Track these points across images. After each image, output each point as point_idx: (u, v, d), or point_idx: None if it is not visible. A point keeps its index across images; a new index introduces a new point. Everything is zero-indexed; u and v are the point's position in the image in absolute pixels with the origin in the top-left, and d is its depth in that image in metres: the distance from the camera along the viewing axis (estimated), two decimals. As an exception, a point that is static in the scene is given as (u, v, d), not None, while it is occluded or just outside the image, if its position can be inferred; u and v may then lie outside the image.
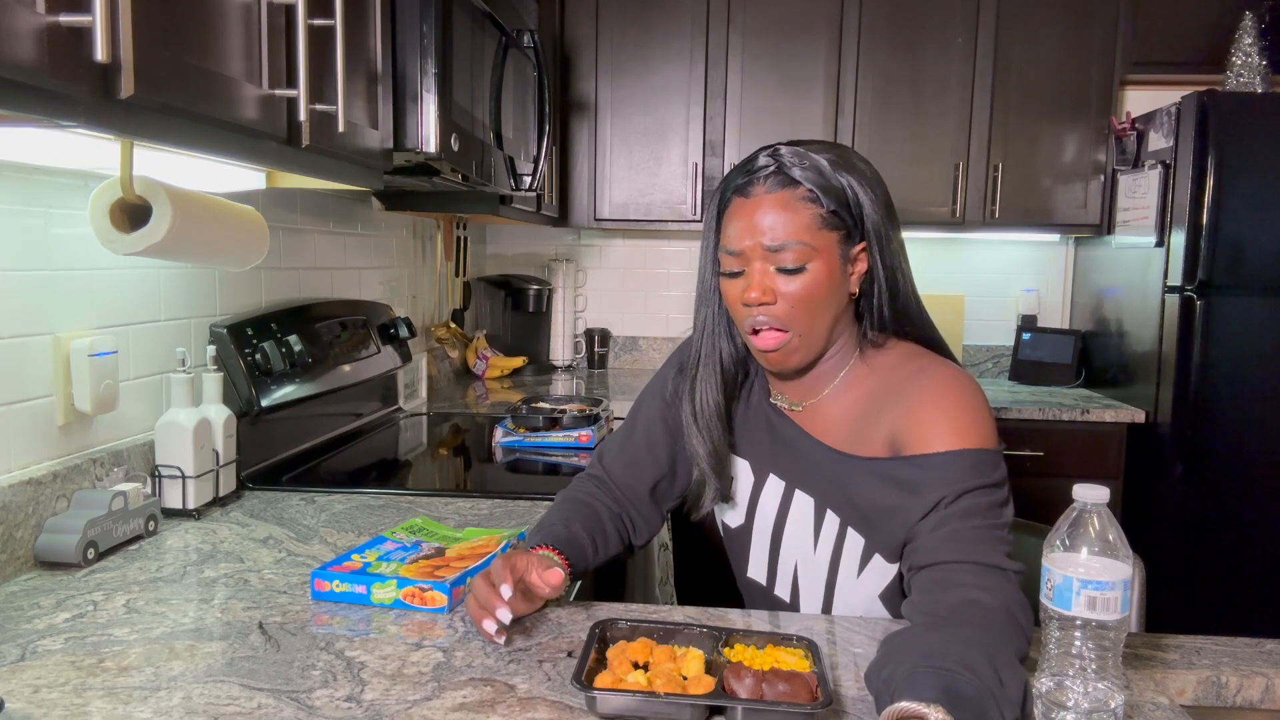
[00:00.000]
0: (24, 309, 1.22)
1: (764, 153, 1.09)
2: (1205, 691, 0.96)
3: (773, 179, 1.06)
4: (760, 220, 1.05)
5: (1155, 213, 2.66)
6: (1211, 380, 2.54)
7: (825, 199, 1.05)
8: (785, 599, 1.19)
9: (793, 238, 1.05)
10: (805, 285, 1.06)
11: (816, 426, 1.15)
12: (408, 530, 1.28)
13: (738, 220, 1.07)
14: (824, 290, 1.07)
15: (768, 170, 1.07)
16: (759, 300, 1.06)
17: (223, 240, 1.35)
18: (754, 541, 1.21)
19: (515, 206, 2.37)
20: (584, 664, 0.86)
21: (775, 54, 3.01)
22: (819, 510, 1.14)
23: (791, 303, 1.06)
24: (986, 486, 0.99)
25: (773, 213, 1.05)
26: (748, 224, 1.06)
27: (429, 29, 1.42)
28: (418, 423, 2.32)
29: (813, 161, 1.06)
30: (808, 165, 1.06)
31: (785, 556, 1.18)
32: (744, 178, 1.08)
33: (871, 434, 1.09)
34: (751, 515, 1.20)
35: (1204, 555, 2.59)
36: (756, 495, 1.19)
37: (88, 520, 1.20)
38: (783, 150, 1.08)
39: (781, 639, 0.93)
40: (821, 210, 1.05)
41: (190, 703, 0.84)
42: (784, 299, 1.06)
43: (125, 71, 0.76)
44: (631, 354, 3.53)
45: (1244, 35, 2.72)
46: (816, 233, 1.05)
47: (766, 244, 1.05)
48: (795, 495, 1.16)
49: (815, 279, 1.06)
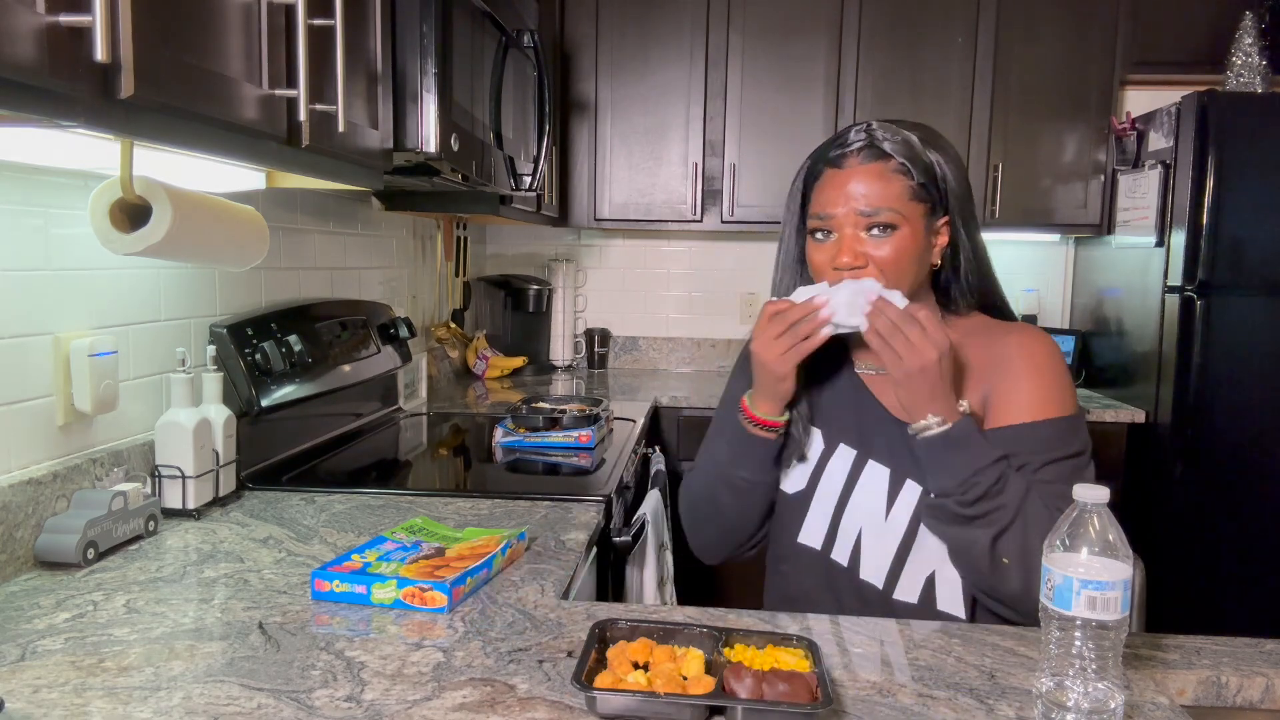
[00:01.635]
0: (24, 309, 1.22)
1: (855, 128, 1.15)
2: (1205, 691, 0.96)
3: (866, 151, 1.13)
4: (854, 188, 1.12)
5: (1155, 213, 2.66)
6: (1211, 380, 2.54)
7: (915, 172, 1.12)
8: (843, 562, 1.20)
9: (884, 204, 1.11)
10: (894, 250, 1.11)
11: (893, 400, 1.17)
12: (408, 530, 1.28)
13: (831, 188, 1.14)
14: (909, 257, 1.12)
15: (861, 143, 1.13)
16: (850, 264, 1.11)
17: (223, 240, 1.35)
18: (814, 507, 1.23)
19: (515, 206, 2.37)
20: (584, 664, 0.86)
21: (775, 54, 3.01)
22: (895, 480, 1.17)
23: (881, 266, 1.12)
24: (1069, 456, 1.09)
25: (866, 181, 1.11)
26: (841, 192, 1.12)
27: (429, 29, 1.42)
28: (418, 423, 2.32)
29: (904, 137, 1.13)
30: (899, 140, 1.13)
31: (848, 523, 1.20)
32: (837, 150, 1.14)
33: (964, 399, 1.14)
34: (815, 482, 1.23)
35: (1204, 555, 2.59)
36: (824, 463, 1.22)
37: (88, 520, 1.20)
38: (875, 126, 1.14)
39: (781, 639, 0.93)
40: (911, 182, 1.12)
41: (190, 703, 0.84)
42: (874, 263, 1.12)
43: (125, 71, 0.76)
44: (631, 354, 3.53)
45: (1244, 35, 2.72)
46: (906, 203, 1.12)
47: (861, 209, 1.11)
48: (868, 465, 1.19)
49: (903, 245, 1.12)
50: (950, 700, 0.88)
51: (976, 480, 1.05)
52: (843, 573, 1.20)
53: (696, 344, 3.51)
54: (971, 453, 1.06)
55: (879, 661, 0.96)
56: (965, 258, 1.18)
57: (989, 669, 0.95)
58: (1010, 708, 0.87)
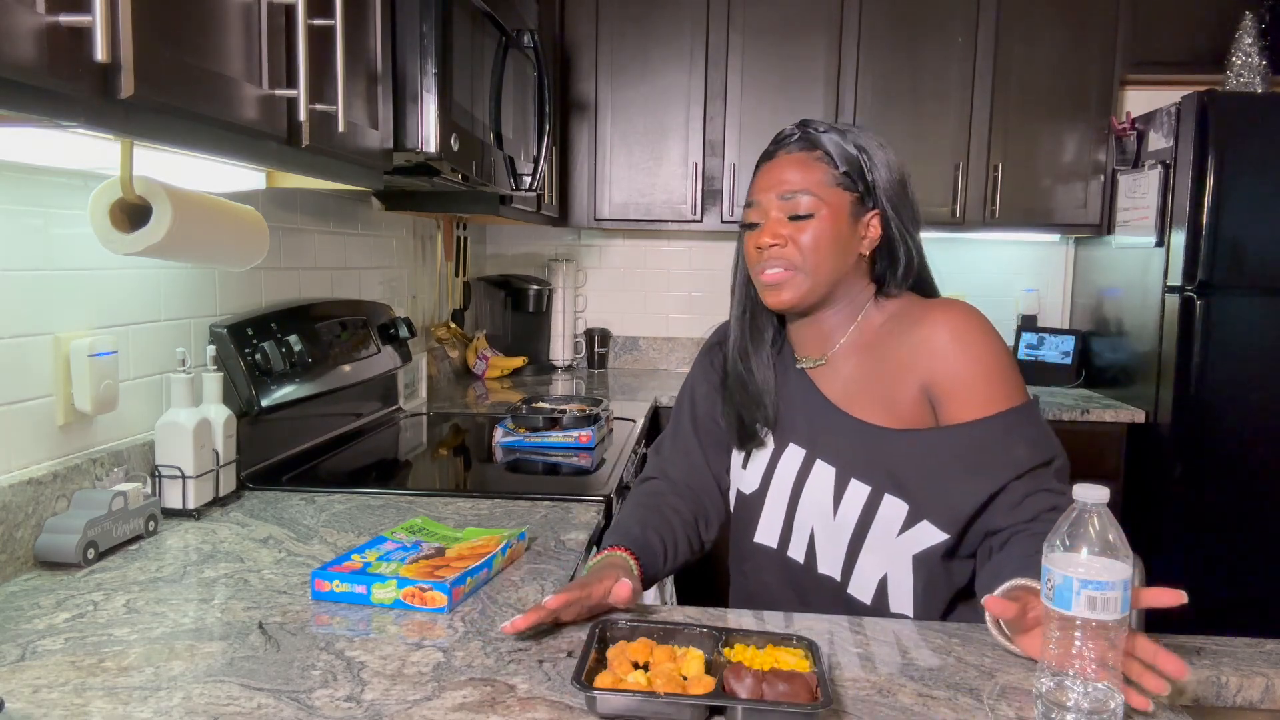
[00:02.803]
0: (24, 309, 1.22)
1: (791, 124, 1.22)
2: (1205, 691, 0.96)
3: (795, 143, 1.20)
4: (779, 174, 1.19)
5: (1155, 213, 2.66)
6: (1211, 380, 2.54)
7: (839, 162, 1.18)
8: (799, 559, 1.22)
9: (804, 188, 1.17)
10: (813, 234, 1.16)
11: (836, 390, 1.22)
12: (408, 530, 1.28)
13: (760, 177, 1.22)
14: (829, 239, 1.17)
15: (793, 136, 1.21)
16: (770, 243, 1.17)
17: (223, 240, 1.35)
18: (767, 506, 1.25)
19: (515, 206, 2.37)
20: (584, 664, 0.86)
21: (775, 54, 3.01)
22: (840, 479, 1.18)
23: (799, 247, 1.17)
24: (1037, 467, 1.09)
25: (790, 168, 1.18)
26: (768, 179, 1.20)
27: (429, 29, 1.42)
28: (418, 423, 2.32)
29: (834, 131, 1.19)
30: (824, 131, 1.19)
31: (801, 520, 1.22)
32: (773, 146, 1.23)
33: (900, 396, 1.16)
34: (767, 482, 1.25)
35: (1204, 555, 2.59)
36: (774, 463, 1.25)
37: (88, 520, 1.20)
38: (809, 120, 1.22)
39: (781, 639, 0.93)
40: (834, 170, 1.18)
41: (190, 703, 0.84)
42: (793, 244, 1.17)
43: (125, 71, 0.76)
44: (631, 354, 3.53)
45: (1244, 35, 2.72)
46: (828, 189, 1.17)
47: (780, 193, 1.17)
48: (815, 465, 1.21)
49: (821, 229, 1.16)
50: (950, 700, 0.88)
51: None
52: (800, 569, 1.22)
53: (696, 344, 3.48)
54: None
55: (879, 661, 0.96)
56: (903, 253, 1.21)
57: (989, 669, 0.95)
58: (1010, 708, 0.87)
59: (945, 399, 1.13)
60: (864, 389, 1.19)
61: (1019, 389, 1.13)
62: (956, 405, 1.12)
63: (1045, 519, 1.06)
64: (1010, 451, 1.09)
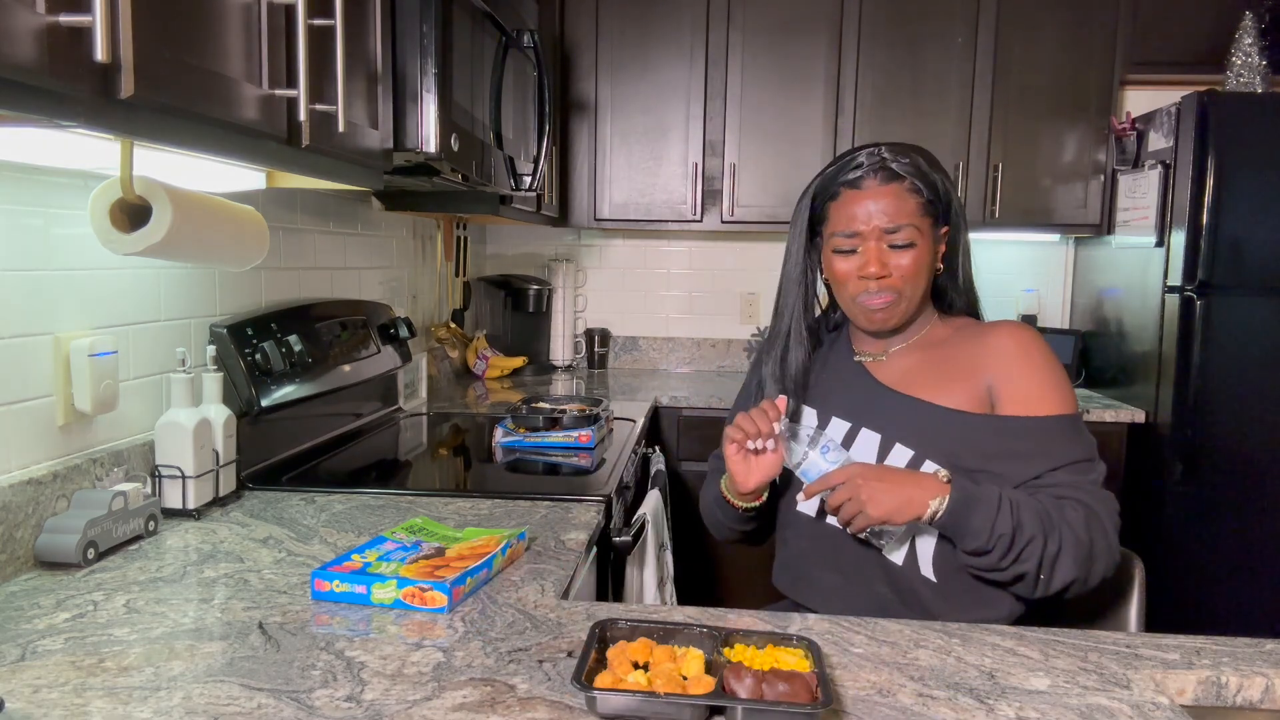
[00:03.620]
0: (24, 309, 1.22)
1: (866, 151, 1.28)
2: (1205, 691, 0.96)
3: (882, 173, 1.27)
4: (876, 205, 1.26)
5: (1155, 213, 2.66)
6: (1211, 380, 2.54)
7: (925, 189, 1.27)
8: (836, 525, 1.28)
9: (904, 220, 1.26)
10: (914, 262, 1.27)
11: (893, 377, 1.33)
12: (408, 530, 1.28)
13: (852, 206, 1.27)
14: (925, 264, 1.28)
15: (876, 164, 1.27)
16: (878, 274, 1.27)
17: (223, 240, 1.35)
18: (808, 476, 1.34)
19: (515, 206, 2.37)
20: (584, 664, 0.86)
21: (775, 53, 3.01)
22: (885, 444, 1.28)
23: (903, 274, 1.27)
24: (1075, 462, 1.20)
25: (886, 200, 1.26)
26: (865, 210, 1.26)
27: (429, 29, 1.42)
28: (418, 423, 2.32)
29: (911, 159, 1.27)
30: (907, 162, 1.27)
31: None
32: (853, 172, 1.28)
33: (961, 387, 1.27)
34: None
35: (1204, 555, 2.59)
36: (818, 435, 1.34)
37: (88, 520, 1.20)
38: (883, 149, 1.28)
39: (781, 639, 0.93)
40: (922, 199, 1.27)
41: (190, 703, 0.84)
42: (897, 271, 1.27)
43: (125, 71, 0.76)
44: (631, 354, 3.53)
45: (1244, 35, 2.72)
46: (920, 218, 1.27)
47: (885, 226, 1.26)
48: (861, 432, 1.30)
49: (920, 255, 1.27)
50: (950, 700, 0.88)
51: (999, 534, 1.14)
52: (836, 535, 1.30)
53: (696, 344, 3.51)
54: (980, 510, 1.15)
55: (879, 661, 0.96)
56: (961, 261, 1.33)
57: (989, 669, 0.95)
58: (1010, 708, 0.87)
59: (1004, 398, 1.24)
60: (922, 376, 1.30)
61: (1072, 401, 1.25)
62: (1014, 404, 1.23)
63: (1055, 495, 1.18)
64: (1053, 448, 1.20)
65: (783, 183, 3.01)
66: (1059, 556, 1.15)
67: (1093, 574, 1.17)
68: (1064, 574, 1.16)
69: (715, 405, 2.80)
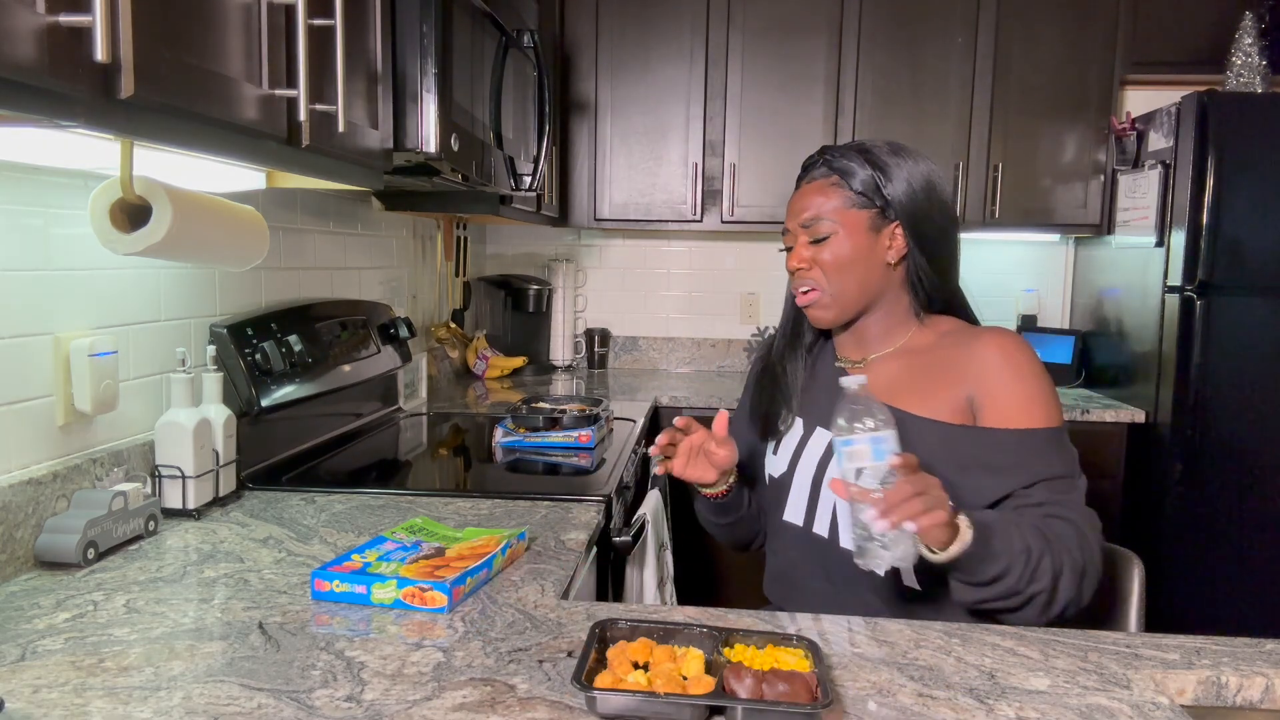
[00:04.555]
0: (24, 309, 1.22)
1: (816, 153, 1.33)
2: (1205, 691, 0.96)
3: (815, 170, 1.31)
4: (801, 202, 1.30)
5: (1155, 213, 2.66)
6: (1211, 380, 2.54)
7: (852, 183, 1.27)
8: (824, 534, 1.30)
9: (821, 214, 1.28)
10: (831, 254, 1.28)
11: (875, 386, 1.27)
12: (408, 530, 1.28)
13: (789, 206, 1.33)
14: (847, 256, 1.27)
15: (814, 164, 1.32)
16: (795, 266, 1.31)
17: (223, 240, 1.35)
18: (794, 486, 1.34)
19: (515, 206, 2.37)
20: (584, 664, 0.86)
21: (775, 54, 3.01)
22: None
23: (822, 266, 1.28)
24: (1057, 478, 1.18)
25: (809, 195, 1.30)
26: (793, 208, 1.32)
27: (429, 29, 1.42)
28: (418, 423, 2.32)
29: (849, 155, 1.28)
30: (839, 155, 1.29)
31: (825, 498, 1.30)
32: (801, 174, 1.34)
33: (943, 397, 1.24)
34: (794, 463, 1.34)
35: (1204, 555, 2.59)
36: (802, 446, 1.34)
37: (88, 520, 1.20)
38: (831, 147, 1.32)
39: (781, 639, 0.93)
40: (850, 192, 1.27)
41: (190, 703, 0.84)
42: (817, 264, 1.29)
43: (125, 71, 0.76)
44: (631, 354, 3.53)
45: (1244, 35, 2.72)
46: (844, 211, 1.27)
47: (801, 220, 1.30)
48: None
49: (839, 249, 1.27)
50: (950, 700, 0.88)
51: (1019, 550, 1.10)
52: (824, 544, 1.29)
53: (696, 344, 3.51)
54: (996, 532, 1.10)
55: (879, 661, 0.96)
56: (929, 258, 1.29)
57: (989, 669, 0.95)
58: (1010, 708, 0.87)
59: (986, 410, 1.22)
60: (903, 386, 1.28)
61: (1055, 414, 1.22)
62: (995, 416, 1.21)
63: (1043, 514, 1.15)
64: (1031, 463, 1.18)
65: (783, 183, 3.01)
66: (1061, 574, 1.11)
67: (1085, 592, 1.14)
68: (1066, 593, 1.12)
69: (715, 405, 2.80)
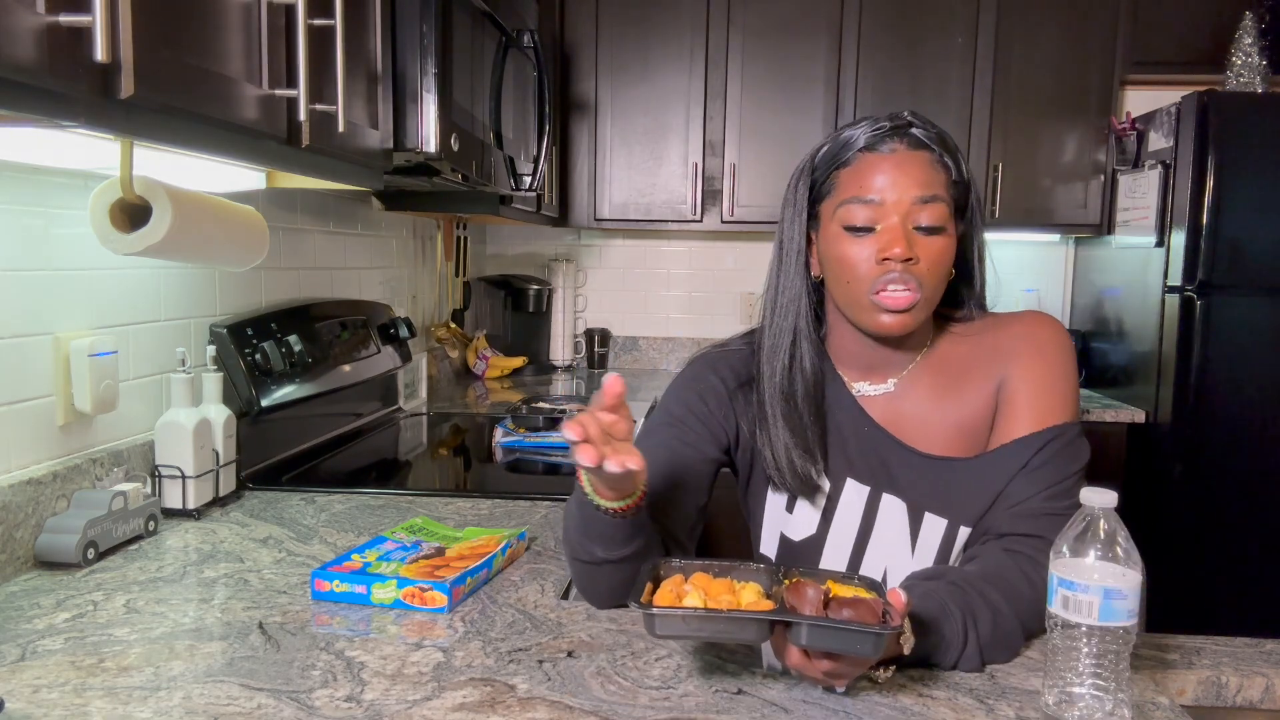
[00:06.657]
0: (24, 309, 1.22)
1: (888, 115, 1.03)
2: (1205, 691, 0.96)
3: (910, 138, 1.00)
4: (915, 171, 0.98)
5: (1155, 213, 2.66)
6: (1211, 380, 2.54)
7: (953, 168, 1.02)
8: None
9: (940, 195, 0.99)
10: (945, 248, 1.00)
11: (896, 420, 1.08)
12: (408, 530, 1.28)
13: (872, 174, 0.99)
14: (951, 257, 1.02)
15: (910, 125, 1.01)
16: (904, 255, 0.97)
17: (223, 240, 1.35)
18: (828, 549, 1.11)
19: (515, 206, 2.37)
20: (641, 591, 0.83)
21: (775, 54, 3.01)
22: (914, 516, 1.08)
23: (931, 263, 0.99)
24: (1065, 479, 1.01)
25: (924, 168, 0.99)
26: (896, 174, 0.98)
27: (429, 29, 1.42)
28: (418, 423, 2.32)
29: (938, 130, 1.02)
30: (934, 132, 1.02)
31: (872, 561, 1.10)
32: (887, 131, 1.01)
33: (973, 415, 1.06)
34: (828, 524, 1.11)
35: (1204, 555, 2.59)
36: (834, 503, 1.10)
37: (88, 520, 1.20)
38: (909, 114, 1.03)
39: (843, 577, 0.89)
40: (951, 177, 1.02)
41: (190, 703, 0.84)
42: (925, 260, 0.98)
43: (125, 71, 0.76)
44: (631, 354, 3.53)
45: (1244, 35, 2.72)
46: (950, 199, 1.01)
47: (920, 195, 0.98)
48: (884, 499, 1.09)
49: (949, 243, 1.01)
50: (950, 700, 0.88)
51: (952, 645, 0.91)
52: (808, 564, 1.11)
53: (696, 344, 3.50)
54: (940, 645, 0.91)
55: (879, 661, 0.96)
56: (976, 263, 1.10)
57: (989, 669, 0.95)
58: (1010, 708, 0.87)
59: (1006, 402, 1.05)
60: (933, 418, 1.08)
61: (1074, 407, 1.06)
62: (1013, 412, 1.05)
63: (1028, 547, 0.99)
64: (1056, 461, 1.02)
65: (782, 183, 2.99)
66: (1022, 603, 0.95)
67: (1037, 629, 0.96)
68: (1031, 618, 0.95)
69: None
